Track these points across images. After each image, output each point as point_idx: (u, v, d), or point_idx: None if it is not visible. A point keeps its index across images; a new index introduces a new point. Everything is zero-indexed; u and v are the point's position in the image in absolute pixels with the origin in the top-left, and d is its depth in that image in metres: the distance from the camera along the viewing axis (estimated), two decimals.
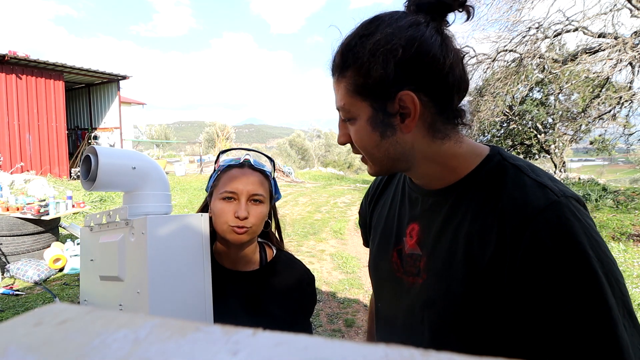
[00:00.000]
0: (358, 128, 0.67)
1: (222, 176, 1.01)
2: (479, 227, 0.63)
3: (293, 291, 1.07)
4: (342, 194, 12.01)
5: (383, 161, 0.68)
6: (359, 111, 0.66)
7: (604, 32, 8.68)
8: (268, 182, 1.05)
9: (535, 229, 0.57)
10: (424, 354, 0.16)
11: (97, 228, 0.97)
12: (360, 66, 0.62)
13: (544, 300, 0.56)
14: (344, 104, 0.66)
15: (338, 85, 0.67)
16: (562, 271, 0.55)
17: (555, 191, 0.60)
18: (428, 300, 0.70)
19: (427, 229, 0.72)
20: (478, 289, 0.62)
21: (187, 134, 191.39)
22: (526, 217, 0.58)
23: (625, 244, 5.48)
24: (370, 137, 0.66)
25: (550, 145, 13.44)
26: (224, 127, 28.94)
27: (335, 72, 0.67)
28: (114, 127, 13.39)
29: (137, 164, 0.87)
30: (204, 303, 0.85)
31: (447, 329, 0.67)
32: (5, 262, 4.46)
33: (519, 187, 0.62)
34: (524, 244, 0.57)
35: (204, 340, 0.17)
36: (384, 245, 0.83)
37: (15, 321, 0.19)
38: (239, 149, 1.17)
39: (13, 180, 8.24)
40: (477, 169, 0.68)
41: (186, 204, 9.29)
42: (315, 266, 4.94)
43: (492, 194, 0.64)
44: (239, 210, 0.95)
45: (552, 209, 0.58)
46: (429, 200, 0.73)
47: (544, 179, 0.63)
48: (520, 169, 0.65)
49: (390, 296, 0.81)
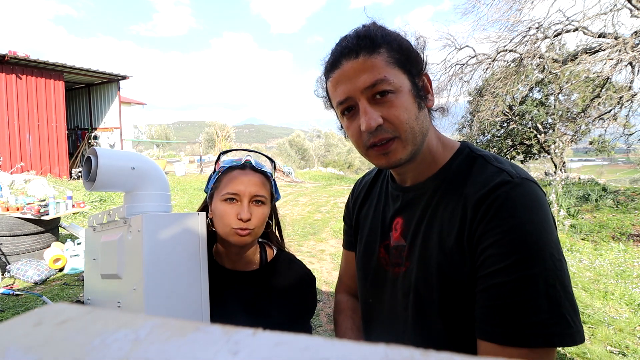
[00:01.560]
0: (402, 100, 0.68)
1: (223, 177, 1.00)
2: (449, 212, 0.69)
3: (293, 292, 1.07)
4: (342, 194, 12.00)
5: (417, 137, 0.70)
6: (402, 82, 0.68)
7: (604, 32, 8.68)
8: (269, 183, 1.04)
9: (488, 204, 0.64)
10: (424, 354, 0.16)
11: (99, 228, 0.99)
12: (400, 44, 0.69)
13: (482, 261, 0.63)
14: (386, 75, 0.66)
15: (371, 62, 0.67)
16: (501, 238, 0.61)
17: (512, 174, 0.66)
18: (410, 286, 0.73)
19: (409, 221, 0.77)
20: (448, 268, 0.67)
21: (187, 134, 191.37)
22: (483, 195, 0.65)
23: (625, 244, 5.47)
24: (413, 108, 0.69)
25: (550, 145, 13.44)
26: (223, 127, 28.93)
27: (362, 50, 0.67)
28: (114, 127, 13.39)
29: (137, 164, 0.88)
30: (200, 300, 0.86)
31: (428, 311, 0.71)
32: (5, 262, 4.46)
33: (481, 173, 0.69)
34: (478, 217, 0.64)
35: (204, 340, 0.17)
36: (371, 242, 0.86)
37: (15, 321, 0.19)
38: (239, 150, 1.16)
39: (13, 180, 8.24)
40: (450, 162, 0.75)
41: (186, 204, 9.28)
42: (315, 266, 4.94)
43: (460, 182, 0.71)
44: (241, 212, 0.95)
45: (505, 187, 0.64)
46: (409, 195, 0.79)
47: (505, 166, 0.69)
48: (486, 159, 0.72)
49: (379, 290, 0.83)
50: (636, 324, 3.30)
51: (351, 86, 0.68)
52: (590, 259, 5.01)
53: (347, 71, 0.68)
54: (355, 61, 0.67)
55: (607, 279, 4.33)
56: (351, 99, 0.69)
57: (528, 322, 0.58)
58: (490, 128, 15.00)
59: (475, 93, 13.66)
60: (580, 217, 6.88)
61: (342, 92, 0.69)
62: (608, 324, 3.30)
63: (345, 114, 0.72)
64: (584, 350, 2.85)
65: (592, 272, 4.59)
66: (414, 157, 0.72)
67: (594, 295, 3.92)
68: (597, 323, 3.30)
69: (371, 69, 0.66)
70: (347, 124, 0.73)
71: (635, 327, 3.24)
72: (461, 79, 10.82)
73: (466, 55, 10.79)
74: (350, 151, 33.03)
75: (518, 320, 0.58)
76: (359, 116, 0.69)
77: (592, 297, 3.86)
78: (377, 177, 0.94)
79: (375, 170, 0.96)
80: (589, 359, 2.76)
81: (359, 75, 0.67)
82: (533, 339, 0.57)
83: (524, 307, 0.58)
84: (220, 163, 1.06)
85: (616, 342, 2.98)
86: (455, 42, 10.47)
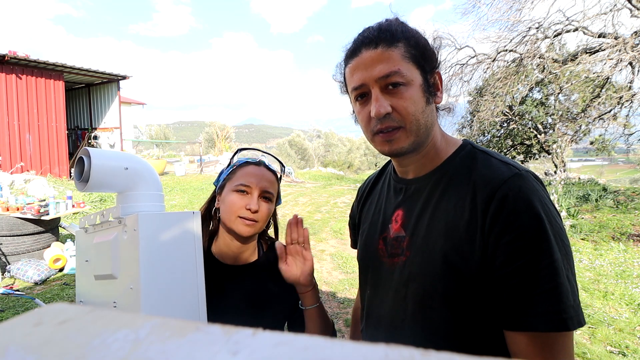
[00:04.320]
0: (412, 92, 0.72)
1: (237, 170, 1.06)
2: (454, 202, 0.72)
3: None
4: (342, 194, 12.00)
5: (421, 130, 0.74)
6: (414, 76, 0.72)
7: (604, 32, 8.67)
8: (277, 184, 1.10)
9: (501, 195, 0.66)
10: (424, 354, 0.16)
11: (91, 229, 0.99)
12: (415, 40, 0.73)
13: (505, 255, 0.64)
14: (400, 68, 0.71)
15: (389, 53, 0.72)
16: (519, 230, 0.64)
17: (517, 167, 0.71)
18: (410, 275, 0.75)
19: (410, 212, 0.79)
20: (456, 258, 0.69)
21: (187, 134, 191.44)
22: (494, 186, 0.68)
23: (625, 244, 5.47)
24: (420, 102, 0.73)
25: (550, 145, 13.44)
26: (223, 127, 28.93)
27: (382, 42, 0.72)
28: (114, 127, 13.39)
29: (129, 164, 0.89)
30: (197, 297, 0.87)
31: (429, 300, 0.72)
32: (5, 262, 4.46)
33: (487, 166, 0.73)
34: (491, 209, 0.66)
35: (204, 340, 0.17)
36: (371, 235, 0.88)
37: (15, 321, 0.19)
38: (255, 150, 1.23)
39: (13, 180, 8.24)
40: (453, 156, 0.78)
41: (186, 204, 9.28)
42: (315, 266, 4.93)
43: (466, 174, 0.74)
44: (251, 203, 1.00)
45: (515, 179, 0.67)
46: (411, 187, 0.81)
47: (507, 160, 0.74)
48: (488, 154, 0.76)
49: (376, 282, 0.85)
50: (636, 324, 3.30)
51: (367, 74, 0.73)
52: (590, 259, 5.01)
53: (365, 59, 0.73)
54: (374, 51, 0.72)
55: (607, 279, 4.33)
56: (365, 86, 0.74)
57: (563, 307, 0.61)
58: (490, 128, 15.01)
59: (475, 93, 13.66)
60: (580, 217, 6.88)
61: (358, 79, 0.74)
62: (608, 324, 3.30)
63: (358, 100, 0.77)
64: (584, 351, 2.85)
65: (592, 272, 4.59)
66: (416, 148, 0.76)
67: (594, 295, 3.92)
68: (597, 323, 3.30)
69: (387, 60, 0.71)
70: (359, 109, 0.78)
71: (635, 327, 3.24)
72: (461, 79, 10.82)
73: (466, 55, 10.80)
74: (350, 151, 33.01)
75: (555, 306, 0.61)
76: (370, 103, 0.74)
77: (592, 297, 3.86)
78: (381, 174, 0.97)
79: (379, 170, 1.00)
80: (589, 359, 2.76)
81: (376, 65, 0.71)
82: (570, 323, 0.61)
83: (555, 293, 0.61)
84: (236, 158, 1.12)
85: (616, 342, 2.98)
86: (455, 42, 10.46)
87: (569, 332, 0.62)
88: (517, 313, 0.63)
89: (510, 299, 0.64)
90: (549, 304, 0.61)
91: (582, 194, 8.34)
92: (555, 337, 0.62)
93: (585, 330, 3.18)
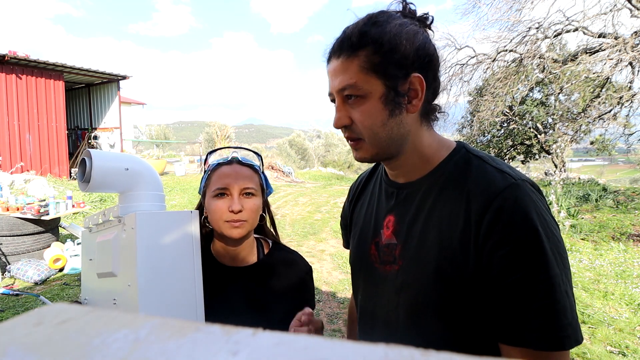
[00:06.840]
0: (368, 106, 0.69)
1: (212, 175, 1.04)
2: (448, 211, 0.69)
3: (292, 280, 1.09)
4: (342, 194, 12.00)
5: (383, 142, 0.71)
6: (372, 88, 0.68)
7: (604, 32, 8.67)
8: (258, 175, 1.07)
9: (496, 206, 0.64)
10: (423, 354, 0.16)
11: (95, 229, 1.00)
12: (380, 46, 0.67)
13: (500, 268, 0.62)
14: (356, 82, 0.68)
15: (347, 64, 0.69)
16: (515, 243, 0.62)
17: (513, 175, 0.67)
18: (403, 284, 0.73)
19: (401, 219, 0.77)
20: (449, 268, 0.67)
21: (187, 134, 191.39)
22: (489, 197, 0.65)
23: (625, 244, 5.47)
24: (379, 115, 0.69)
25: (550, 145, 13.44)
26: (223, 127, 28.92)
27: (344, 52, 0.69)
28: (114, 127, 13.38)
29: (130, 165, 0.90)
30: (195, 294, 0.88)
31: (421, 309, 0.71)
32: (5, 262, 4.46)
33: (482, 173, 0.69)
34: (486, 220, 0.64)
35: (204, 340, 0.17)
36: (363, 239, 0.86)
37: (15, 321, 0.19)
38: (225, 148, 1.19)
39: (13, 180, 8.24)
40: (446, 161, 0.74)
41: (186, 204, 9.28)
42: (315, 266, 4.94)
43: (459, 181, 0.70)
44: (232, 204, 0.98)
45: (510, 190, 0.65)
46: (403, 193, 0.78)
47: (503, 167, 0.70)
48: (483, 159, 0.72)
49: (368, 287, 0.84)
50: (636, 324, 3.30)
51: (332, 84, 0.73)
52: (590, 259, 5.01)
53: (330, 69, 0.73)
54: (337, 61, 0.71)
55: (607, 279, 4.33)
56: (332, 95, 0.74)
57: (560, 325, 0.59)
58: (490, 128, 14.99)
59: (475, 93, 13.66)
60: (580, 217, 6.88)
61: (329, 87, 0.75)
62: (608, 324, 3.30)
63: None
64: (584, 351, 2.85)
65: (592, 272, 4.59)
66: (385, 158, 0.76)
67: (594, 295, 3.92)
68: (597, 323, 3.30)
69: (345, 71, 0.69)
70: None
71: (635, 327, 3.24)
72: (461, 79, 10.82)
73: (466, 55, 10.80)
74: (350, 151, 32.93)
75: (552, 324, 0.59)
76: None
77: (592, 297, 3.86)
78: (373, 173, 0.95)
79: (371, 168, 0.98)
80: (589, 359, 2.76)
81: (338, 76, 0.71)
82: (567, 342, 0.59)
83: (553, 309, 0.59)
84: (209, 162, 1.09)
85: (616, 342, 2.98)
86: (455, 42, 10.47)
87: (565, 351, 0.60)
88: (512, 327, 0.62)
89: (506, 312, 0.62)
90: (545, 320, 0.59)
91: (582, 194, 8.34)
92: (551, 356, 0.60)
93: (585, 330, 3.18)
